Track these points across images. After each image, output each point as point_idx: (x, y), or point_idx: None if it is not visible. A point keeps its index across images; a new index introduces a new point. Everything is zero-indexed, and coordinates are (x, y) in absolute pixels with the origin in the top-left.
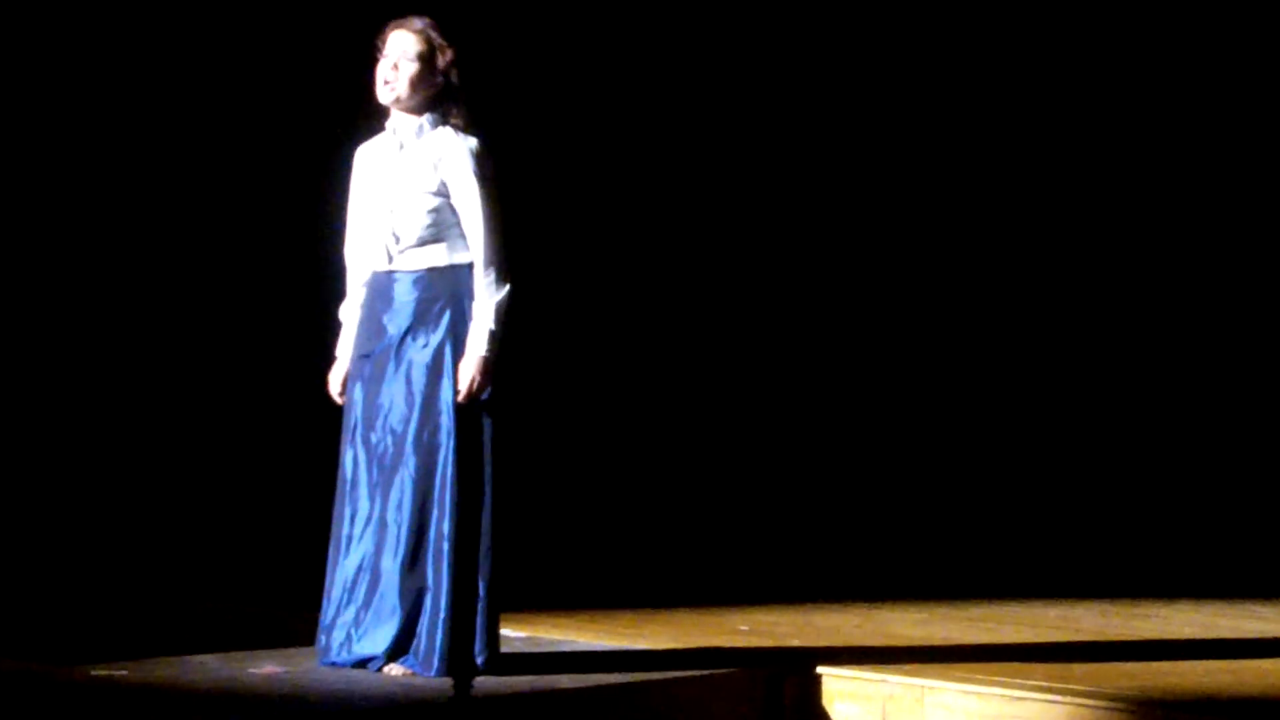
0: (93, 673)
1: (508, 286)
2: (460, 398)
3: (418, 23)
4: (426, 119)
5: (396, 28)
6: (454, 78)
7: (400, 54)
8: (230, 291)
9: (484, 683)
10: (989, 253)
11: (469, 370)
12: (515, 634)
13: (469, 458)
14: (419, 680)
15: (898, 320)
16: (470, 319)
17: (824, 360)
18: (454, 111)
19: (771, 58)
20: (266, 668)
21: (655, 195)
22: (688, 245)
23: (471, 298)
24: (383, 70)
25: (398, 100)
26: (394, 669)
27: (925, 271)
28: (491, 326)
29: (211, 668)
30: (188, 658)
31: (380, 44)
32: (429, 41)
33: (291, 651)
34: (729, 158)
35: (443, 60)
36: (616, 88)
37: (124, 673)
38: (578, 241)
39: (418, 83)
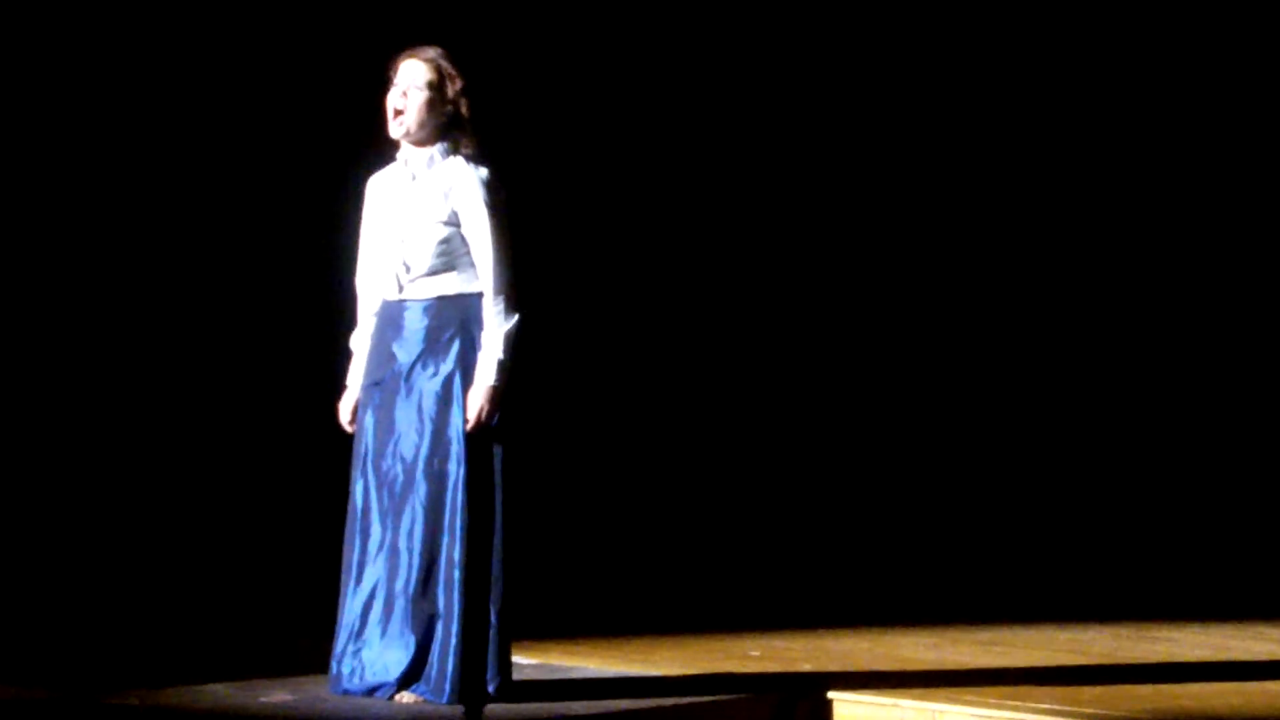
0: (103, 701)
1: (517, 315)
2: (469, 426)
3: (429, 52)
4: (437, 149)
5: (408, 57)
6: (464, 107)
7: (410, 83)
8: (248, 320)
9: (495, 710)
10: (1004, 270)
11: (478, 399)
12: (527, 661)
13: (479, 485)
14: (430, 708)
15: (907, 343)
16: (480, 347)
17: (834, 385)
18: (464, 141)
19: (770, 67)
20: (277, 696)
21: (664, 221)
22: (701, 268)
23: (481, 326)
24: (393, 99)
25: (408, 134)
26: (406, 696)
27: (935, 289)
28: (500, 355)
29: (222, 696)
30: (198, 686)
31: (391, 73)
32: (439, 71)
33: (302, 679)
34: (732, 183)
35: (453, 89)
36: (615, 102)
37: (135, 701)
38: (589, 266)
39: (428, 112)
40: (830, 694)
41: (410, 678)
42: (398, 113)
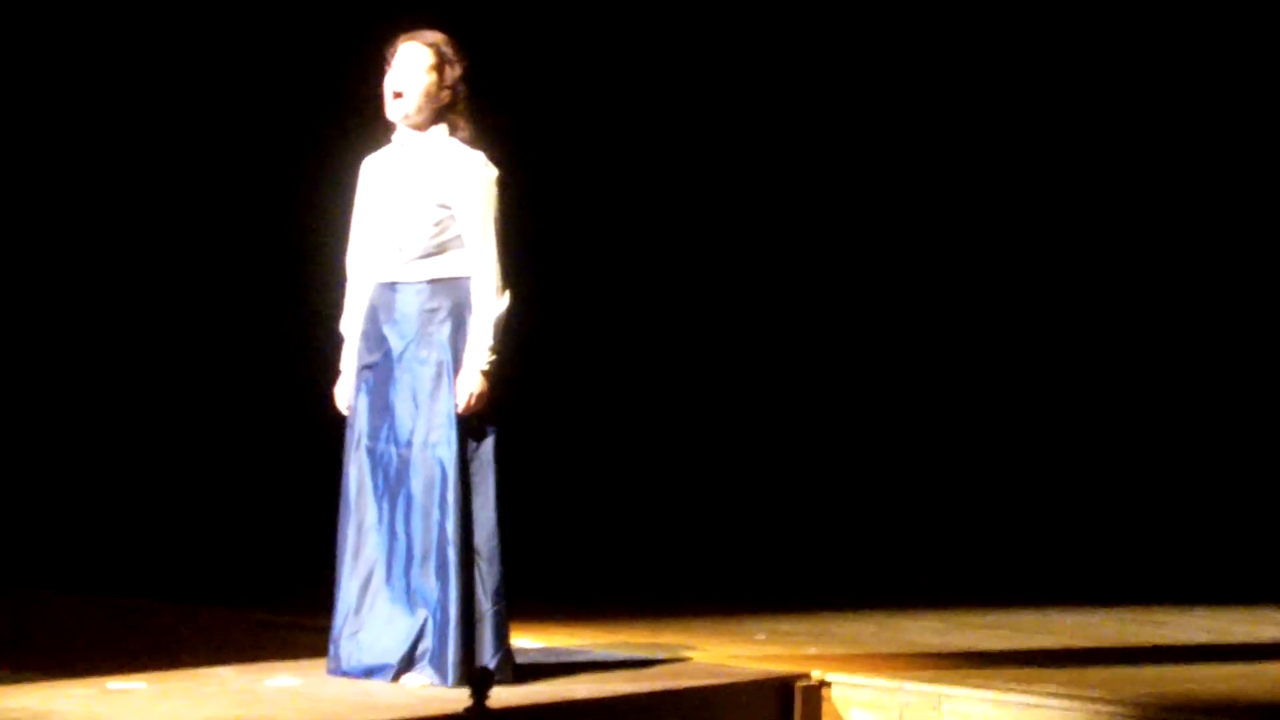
0: (109, 685)
1: (506, 299)
2: (460, 409)
3: (429, 36)
4: (434, 132)
5: (408, 40)
6: (461, 92)
7: (410, 66)
8: (247, 309)
9: (500, 692)
10: (1005, 261)
11: (468, 382)
12: (530, 644)
13: (473, 467)
14: (435, 691)
15: (914, 327)
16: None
17: (843, 367)
18: (461, 125)
19: (771, 62)
20: (282, 680)
21: (661, 207)
22: (698, 249)
23: (472, 310)
24: (392, 81)
25: (405, 116)
26: (408, 679)
27: (939, 276)
28: (489, 339)
29: (227, 680)
30: (204, 669)
31: (390, 56)
32: (439, 55)
33: (307, 663)
34: (725, 165)
35: (451, 74)
36: (618, 93)
37: (141, 685)
38: (587, 249)
39: (426, 96)
40: (836, 677)
41: (410, 660)
42: (396, 95)
